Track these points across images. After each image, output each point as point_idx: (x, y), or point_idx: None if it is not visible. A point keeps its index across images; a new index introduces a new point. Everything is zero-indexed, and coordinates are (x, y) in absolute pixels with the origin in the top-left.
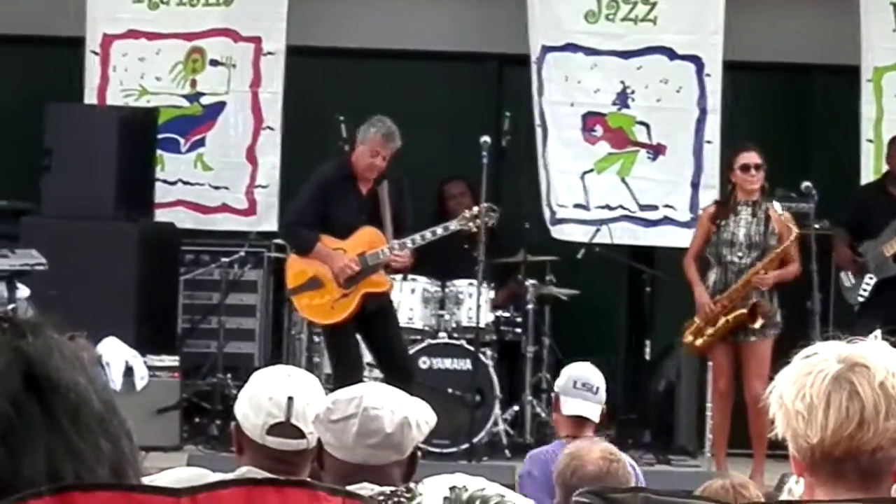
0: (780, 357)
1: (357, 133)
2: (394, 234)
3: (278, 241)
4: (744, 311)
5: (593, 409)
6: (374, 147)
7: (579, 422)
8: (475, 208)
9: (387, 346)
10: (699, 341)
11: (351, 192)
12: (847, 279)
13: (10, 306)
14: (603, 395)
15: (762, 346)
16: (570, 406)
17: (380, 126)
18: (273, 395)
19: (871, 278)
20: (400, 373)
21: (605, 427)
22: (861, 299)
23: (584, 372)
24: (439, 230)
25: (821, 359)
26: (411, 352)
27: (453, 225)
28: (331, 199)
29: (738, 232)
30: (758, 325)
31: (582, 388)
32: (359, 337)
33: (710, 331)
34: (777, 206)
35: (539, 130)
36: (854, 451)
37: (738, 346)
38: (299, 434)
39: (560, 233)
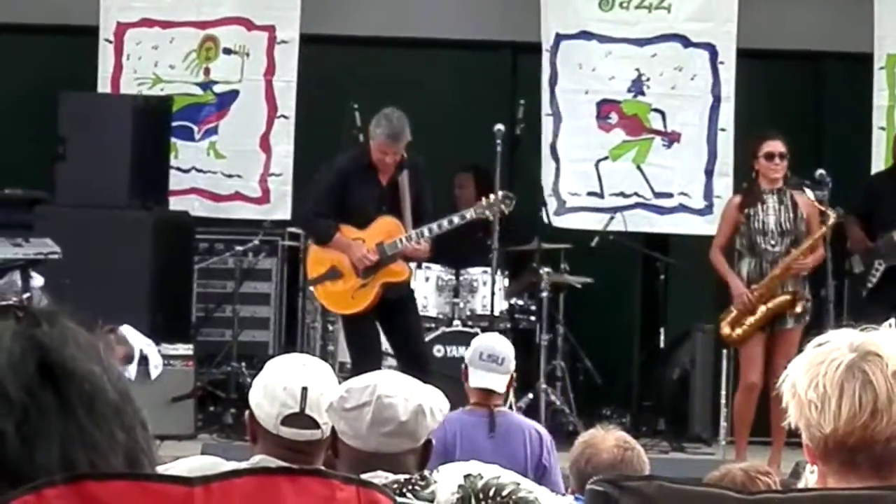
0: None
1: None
2: (414, 222)
3: (292, 229)
4: (787, 297)
5: (498, 380)
6: (380, 148)
7: (486, 392)
8: (491, 196)
9: (405, 337)
10: (738, 331)
11: (370, 181)
12: (858, 265)
13: (25, 295)
14: (510, 364)
15: (795, 334)
16: (476, 378)
17: (385, 126)
18: (287, 384)
19: (880, 264)
20: (417, 364)
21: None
22: (870, 285)
23: (490, 342)
24: (456, 219)
25: (833, 348)
26: (426, 339)
27: (469, 213)
28: (349, 189)
29: (768, 220)
30: (798, 310)
31: (487, 359)
32: (378, 327)
33: (750, 320)
34: (809, 192)
35: (549, 119)
36: (868, 440)
37: (773, 334)
38: (313, 424)
39: (565, 222)
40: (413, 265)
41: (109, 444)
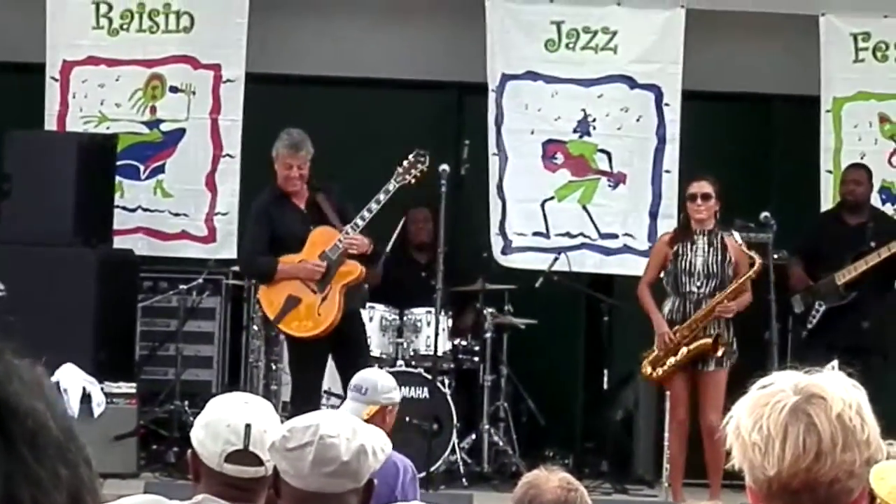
0: (737, 387)
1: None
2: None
3: (236, 268)
4: (708, 341)
5: (358, 409)
6: (283, 161)
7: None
8: (404, 162)
9: (351, 372)
10: (659, 371)
11: (290, 209)
12: (798, 305)
13: None
14: (375, 395)
15: (719, 376)
16: (345, 406)
17: (283, 139)
18: (231, 422)
19: (820, 305)
20: None
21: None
22: (810, 326)
23: (362, 374)
24: (381, 196)
25: (777, 389)
26: None
27: (391, 185)
28: (274, 223)
29: (695, 261)
30: (719, 353)
31: (353, 389)
32: (327, 359)
33: (671, 361)
34: (737, 235)
35: (496, 159)
36: (811, 483)
37: (696, 375)
38: (257, 461)
39: (511, 262)
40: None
41: (52, 480)
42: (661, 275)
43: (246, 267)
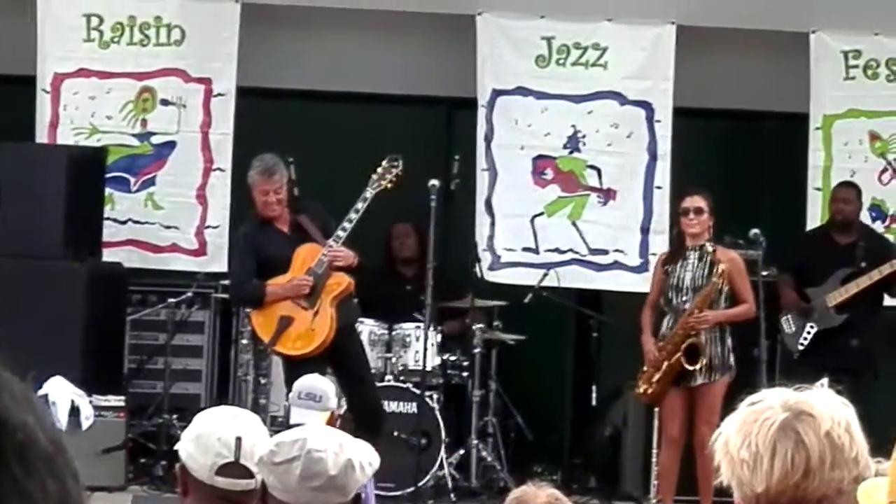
0: (727, 404)
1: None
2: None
3: (226, 282)
4: (678, 355)
5: (315, 416)
6: (259, 188)
7: None
8: (379, 168)
9: (357, 388)
10: (649, 389)
11: (273, 233)
12: (788, 325)
13: None
14: (329, 402)
15: (712, 390)
16: (295, 416)
17: (257, 166)
18: (221, 435)
19: (812, 326)
20: (369, 414)
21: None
22: (801, 347)
23: (309, 381)
24: (359, 205)
25: (766, 406)
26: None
27: (369, 192)
28: (259, 249)
29: (684, 276)
30: (698, 366)
31: (305, 397)
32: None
33: (656, 377)
34: (721, 248)
35: (485, 174)
36: (799, 500)
37: (690, 390)
38: (248, 474)
39: (499, 277)
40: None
41: (41, 494)
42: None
43: (235, 296)
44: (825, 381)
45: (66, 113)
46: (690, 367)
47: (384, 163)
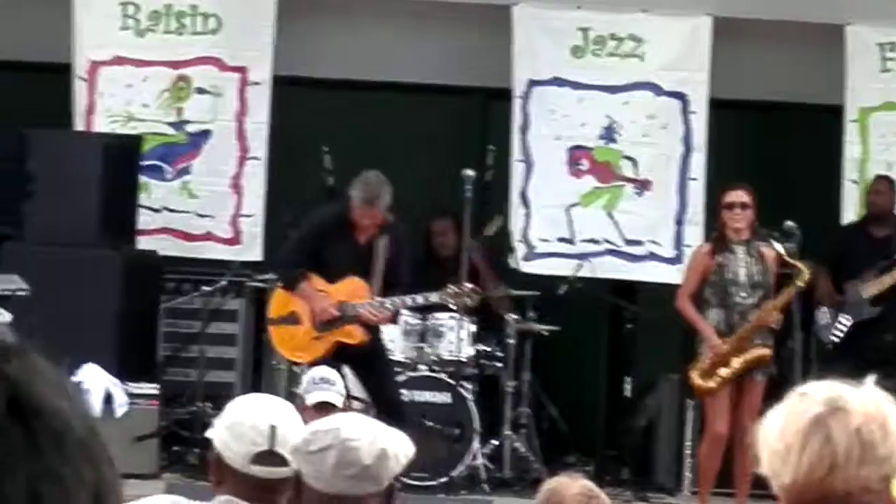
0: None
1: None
2: (385, 287)
3: (261, 275)
4: (766, 351)
5: (335, 397)
6: (357, 212)
7: (324, 409)
8: (462, 286)
9: (380, 383)
10: (711, 383)
11: (347, 238)
12: (822, 317)
13: None
14: (341, 387)
15: (759, 386)
16: (314, 397)
17: (360, 190)
18: (255, 423)
19: (847, 319)
20: (391, 410)
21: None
22: (835, 339)
23: (320, 372)
24: (419, 299)
25: (808, 399)
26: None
27: (433, 297)
28: (326, 243)
29: (739, 272)
30: (769, 363)
31: (320, 381)
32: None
33: (723, 372)
34: (778, 246)
35: (520, 165)
36: (825, 495)
37: (740, 386)
38: (283, 462)
39: (534, 268)
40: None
41: (76, 480)
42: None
43: (275, 267)
44: (873, 377)
45: (102, 101)
46: (767, 367)
47: (467, 286)
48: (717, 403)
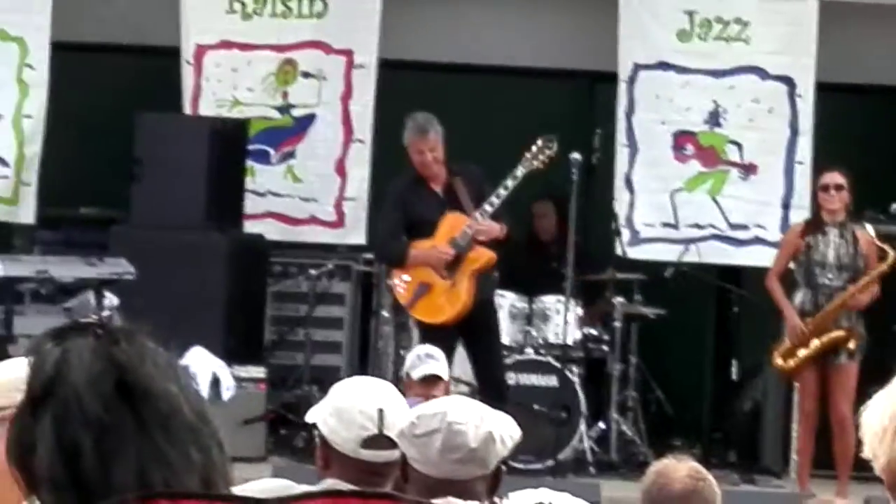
0: (863, 379)
1: None
2: None
3: (367, 255)
4: (841, 333)
5: (440, 369)
6: (414, 147)
7: (430, 382)
8: (533, 147)
9: (487, 360)
10: (791, 363)
11: (425, 193)
12: None
13: (106, 313)
14: (445, 364)
15: (851, 368)
16: (420, 370)
17: (410, 126)
18: (363, 407)
19: None
20: (494, 389)
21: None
22: None
23: (424, 349)
24: (509, 182)
25: None
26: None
27: (519, 171)
28: (409, 207)
29: (828, 253)
30: (851, 346)
31: (425, 357)
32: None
33: (802, 353)
34: (869, 228)
35: (625, 150)
36: None
37: (827, 367)
38: (392, 445)
39: (638, 253)
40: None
41: (184, 464)
42: (791, 266)
43: (378, 251)
44: None
45: (209, 85)
46: (848, 348)
47: (539, 142)
48: (804, 383)
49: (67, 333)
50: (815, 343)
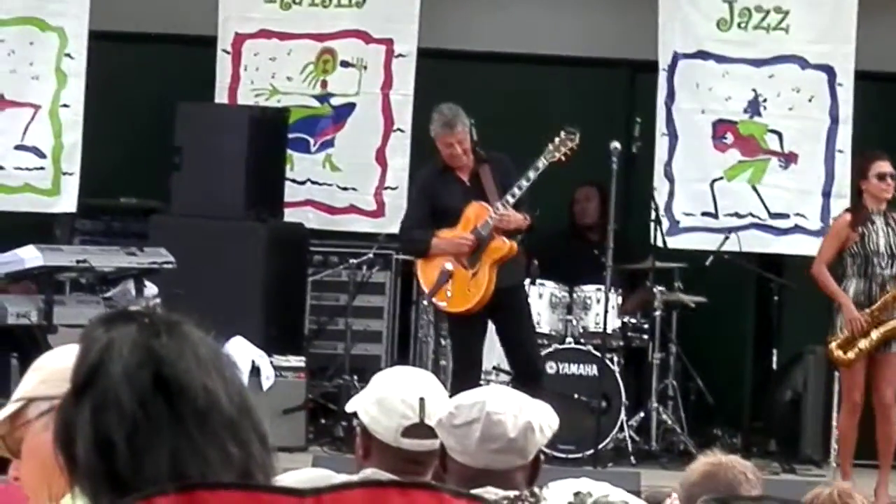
0: None
1: None
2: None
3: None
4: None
5: None
6: (442, 141)
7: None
8: (556, 139)
9: (518, 343)
10: (851, 354)
11: (451, 182)
12: None
13: (152, 302)
14: None
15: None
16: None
17: (436, 119)
18: (404, 396)
19: None
20: (528, 372)
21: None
22: None
23: None
24: (531, 173)
25: None
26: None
27: (541, 162)
28: (435, 196)
29: (879, 242)
30: None
31: None
32: (486, 331)
33: (863, 343)
34: None
35: (664, 139)
36: None
37: (875, 357)
38: (432, 434)
39: (678, 242)
40: (527, 282)
41: (222, 459)
42: (842, 256)
43: (401, 240)
44: None
45: (247, 74)
46: None
47: (561, 133)
48: (854, 374)
49: (116, 320)
50: (876, 334)
